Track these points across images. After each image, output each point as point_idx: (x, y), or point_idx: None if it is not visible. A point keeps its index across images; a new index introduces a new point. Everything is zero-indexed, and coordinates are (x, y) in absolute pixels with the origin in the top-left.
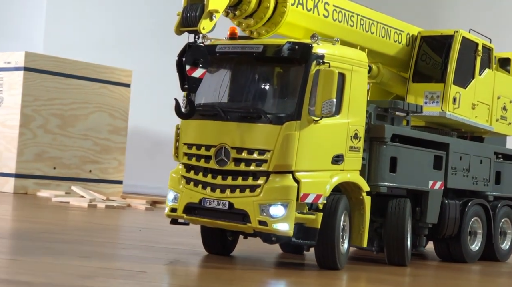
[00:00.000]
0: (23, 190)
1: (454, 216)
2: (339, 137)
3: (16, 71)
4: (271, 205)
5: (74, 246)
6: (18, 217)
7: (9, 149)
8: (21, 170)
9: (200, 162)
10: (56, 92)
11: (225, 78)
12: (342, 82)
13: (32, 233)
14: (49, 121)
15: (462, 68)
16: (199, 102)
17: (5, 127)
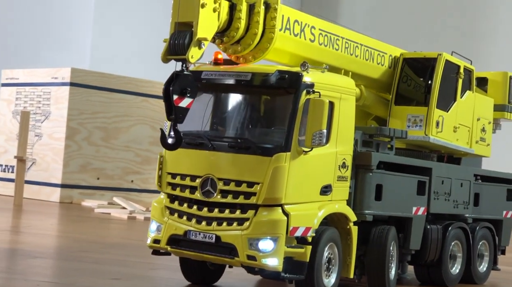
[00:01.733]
0: (69, 200)
1: (436, 241)
2: (327, 167)
3: (63, 86)
4: (260, 239)
5: (108, 267)
6: (60, 232)
7: (56, 160)
8: (67, 181)
9: (185, 192)
10: (100, 106)
11: (211, 106)
12: (331, 111)
13: (70, 252)
14: (93, 134)
15: (445, 91)
16: (183, 129)
17: (52, 139)
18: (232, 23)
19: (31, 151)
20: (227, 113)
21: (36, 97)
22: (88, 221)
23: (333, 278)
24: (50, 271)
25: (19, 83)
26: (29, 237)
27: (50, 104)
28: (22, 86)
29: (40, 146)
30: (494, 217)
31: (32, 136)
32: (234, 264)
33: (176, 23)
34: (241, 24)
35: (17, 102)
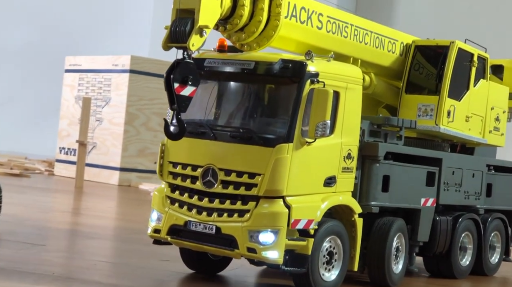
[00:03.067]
0: (127, 183)
1: (445, 233)
2: (332, 158)
3: (123, 73)
4: (261, 231)
5: (158, 249)
6: (117, 214)
7: (115, 144)
8: (125, 164)
9: (186, 182)
10: (158, 93)
11: (214, 94)
12: (336, 101)
13: (126, 233)
14: (151, 119)
15: (457, 79)
16: (187, 118)
17: (112, 124)
18: (236, 10)
19: (92, 136)
20: (230, 102)
21: (98, 83)
22: (145, 204)
23: (336, 272)
24: (106, 251)
25: (81, 69)
26: (88, 218)
27: (110, 90)
28: (85, 73)
29: (100, 130)
30: (508, 208)
31: (93, 121)
32: (234, 256)
33: (177, 10)
34: (245, 11)
35: (79, 87)
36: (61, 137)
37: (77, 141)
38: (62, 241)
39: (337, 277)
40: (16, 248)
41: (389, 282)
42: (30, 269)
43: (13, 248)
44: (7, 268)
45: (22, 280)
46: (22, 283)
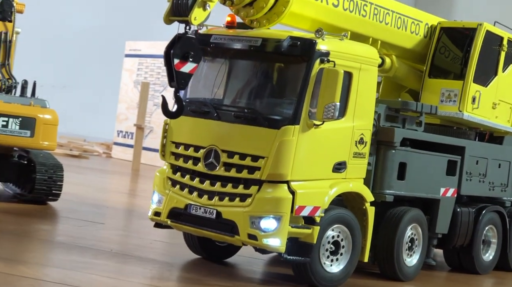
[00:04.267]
0: None
1: (466, 225)
2: (342, 142)
3: None
4: (262, 217)
5: None
6: None
7: None
8: None
9: (188, 163)
10: None
11: (220, 72)
12: (348, 82)
13: None
14: None
15: (484, 64)
16: (191, 96)
17: None
18: None
19: (149, 120)
20: (235, 80)
21: (156, 69)
22: None
23: (342, 264)
24: (161, 231)
25: (141, 54)
26: (144, 200)
27: None
28: (144, 58)
29: (157, 115)
30: None
31: (151, 106)
32: (234, 243)
33: None
34: None
35: (138, 72)
36: (119, 121)
37: (135, 125)
38: (119, 220)
39: (344, 269)
40: (76, 225)
41: (399, 275)
42: (89, 245)
43: (73, 225)
44: (68, 243)
45: (82, 255)
46: (82, 257)
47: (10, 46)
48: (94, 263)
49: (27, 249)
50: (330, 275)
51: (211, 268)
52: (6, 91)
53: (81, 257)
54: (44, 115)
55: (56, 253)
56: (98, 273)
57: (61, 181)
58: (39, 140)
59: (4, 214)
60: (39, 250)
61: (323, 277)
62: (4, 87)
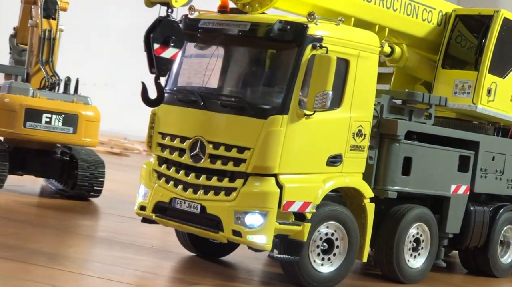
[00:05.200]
0: None
1: (481, 225)
2: (337, 134)
3: None
4: (247, 213)
5: None
6: None
7: None
8: None
9: (174, 155)
10: None
11: (208, 59)
12: (345, 70)
13: None
14: None
15: (502, 54)
16: (179, 85)
17: None
18: None
19: None
20: (224, 68)
21: None
22: None
23: (336, 264)
24: None
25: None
26: None
27: None
28: None
29: None
30: None
31: None
32: (219, 239)
33: None
34: None
35: None
36: None
37: None
38: None
39: (338, 269)
40: (117, 221)
41: (400, 276)
42: (130, 241)
43: (114, 221)
44: (109, 238)
45: (123, 250)
46: (123, 253)
47: (54, 43)
48: (135, 259)
49: (70, 244)
50: (322, 275)
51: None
52: (50, 88)
53: (122, 252)
54: (87, 111)
55: (98, 249)
56: (138, 269)
57: (103, 178)
58: (82, 136)
59: (47, 210)
60: (81, 245)
61: (313, 277)
62: (47, 84)
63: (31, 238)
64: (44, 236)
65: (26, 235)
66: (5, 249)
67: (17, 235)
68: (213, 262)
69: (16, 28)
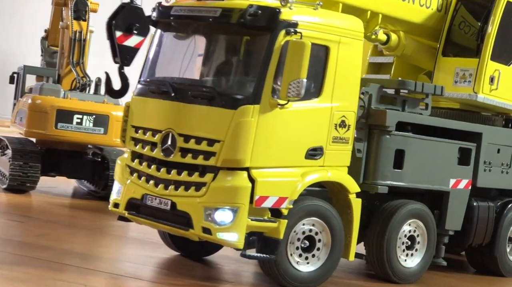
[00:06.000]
0: None
1: (485, 221)
2: (317, 125)
3: None
4: (218, 209)
5: None
6: None
7: None
8: None
9: (146, 149)
10: None
11: (180, 48)
12: (325, 57)
13: None
14: None
15: (506, 40)
16: (152, 75)
17: None
18: None
19: None
20: (195, 57)
21: None
22: None
23: (318, 262)
24: None
25: None
26: None
27: None
28: None
29: None
30: None
31: None
32: (190, 237)
33: None
34: None
35: None
36: None
37: None
38: None
39: (320, 268)
40: None
41: (392, 276)
42: (162, 241)
43: None
44: (141, 238)
45: (154, 250)
46: (154, 253)
47: (84, 45)
48: (166, 259)
49: (101, 245)
50: (301, 274)
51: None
52: (80, 89)
53: (153, 252)
54: (117, 112)
55: (129, 249)
56: (169, 269)
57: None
58: (112, 137)
59: (79, 211)
60: (112, 246)
61: (293, 276)
62: (78, 85)
63: (63, 239)
64: (76, 236)
65: (58, 235)
66: (37, 249)
67: (49, 236)
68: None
69: (47, 31)
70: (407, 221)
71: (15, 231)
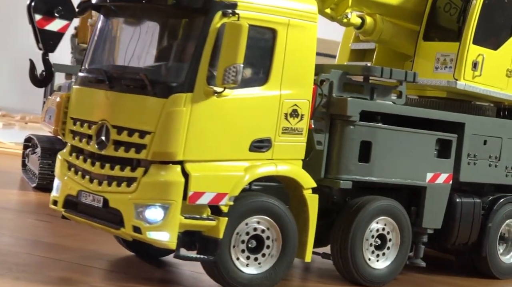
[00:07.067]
0: None
1: (470, 218)
2: (263, 115)
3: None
4: (148, 206)
5: None
6: None
7: None
8: None
9: (82, 143)
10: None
11: (117, 34)
12: (272, 41)
13: None
14: None
15: (491, 22)
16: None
17: None
18: None
19: None
20: (130, 42)
21: None
22: None
23: (267, 263)
24: None
25: None
26: None
27: None
28: None
29: None
30: None
31: None
32: (123, 236)
33: None
34: None
35: None
36: None
37: None
38: None
39: (270, 269)
40: None
41: (358, 278)
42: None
43: None
44: None
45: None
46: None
47: None
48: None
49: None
50: (247, 277)
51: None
52: None
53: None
54: None
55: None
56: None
57: None
58: None
59: None
60: None
61: (237, 279)
62: None
63: (90, 239)
64: (102, 237)
65: (85, 236)
66: (63, 250)
67: (76, 237)
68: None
69: (77, 28)
70: (375, 219)
71: (43, 232)
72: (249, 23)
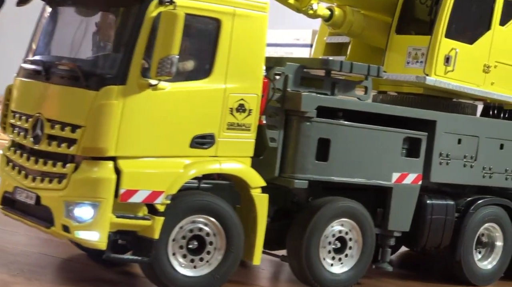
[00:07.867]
0: None
1: (442, 221)
2: (205, 109)
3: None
4: (78, 204)
5: None
6: None
7: None
8: None
9: (20, 136)
10: None
11: (55, 24)
12: (215, 32)
13: None
14: None
15: (469, 14)
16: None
17: None
18: None
19: None
20: (67, 33)
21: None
22: None
23: (209, 265)
24: None
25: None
26: None
27: None
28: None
29: None
30: None
31: None
32: (54, 235)
33: None
34: None
35: None
36: None
37: None
38: None
39: (212, 272)
40: None
41: (313, 282)
42: None
43: None
44: None
45: None
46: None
47: None
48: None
49: None
50: (186, 280)
51: None
52: None
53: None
54: None
55: None
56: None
57: None
58: None
59: None
60: None
61: (175, 282)
62: None
63: None
64: None
65: None
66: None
67: None
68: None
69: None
70: (334, 221)
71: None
72: (190, 13)
